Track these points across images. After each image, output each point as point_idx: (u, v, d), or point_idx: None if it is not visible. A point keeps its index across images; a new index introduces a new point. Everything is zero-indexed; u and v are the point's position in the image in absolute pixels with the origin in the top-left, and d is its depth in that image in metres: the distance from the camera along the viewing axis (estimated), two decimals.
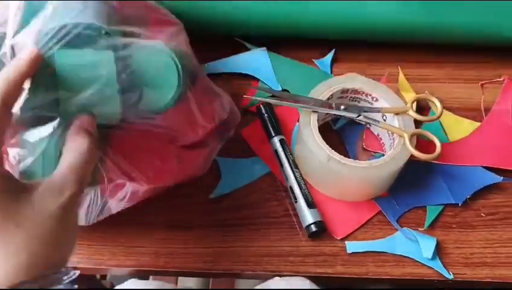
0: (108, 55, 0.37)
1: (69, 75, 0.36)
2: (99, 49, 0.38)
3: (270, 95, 0.55)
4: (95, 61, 0.37)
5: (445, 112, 0.58)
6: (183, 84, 0.40)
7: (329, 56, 0.61)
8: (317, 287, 0.48)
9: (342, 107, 0.51)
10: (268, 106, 0.55)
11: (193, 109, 0.43)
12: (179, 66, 0.40)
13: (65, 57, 0.36)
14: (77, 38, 0.37)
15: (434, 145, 0.48)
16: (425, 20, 0.58)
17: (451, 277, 0.47)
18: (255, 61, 0.60)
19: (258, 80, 0.59)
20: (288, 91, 0.57)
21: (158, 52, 0.40)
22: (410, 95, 0.58)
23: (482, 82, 0.59)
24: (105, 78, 0.37)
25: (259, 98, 0.55)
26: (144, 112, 0.40)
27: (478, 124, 0.57)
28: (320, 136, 0.49)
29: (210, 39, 0.58)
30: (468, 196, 0.52)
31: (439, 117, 0.50)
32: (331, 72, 0.60)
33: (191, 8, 0.56)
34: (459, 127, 0.57)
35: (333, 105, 0.51)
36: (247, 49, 0.61)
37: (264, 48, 0.60)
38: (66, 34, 0.36)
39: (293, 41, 0.61)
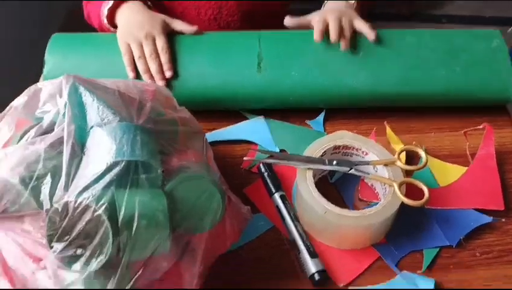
0: (162, 201, 0.42)
1: (139, 226, 0.40)
2: (154, 190, 0.42)
3: (269, 155, 0.60)
4: (155, 206, 0.42)
5: (434, 159, 0.63)
6: (223, 207, 0.46)
7: (321, 116, 0.67)
8: None
9: (334, 162, 0.55)
10: (267, 165, 0.60)
11: (227, 225, 0.48)
12: (222, 193, 0.46)
13: (132, 207, 0.40)
14: (135, 181, 0.41)
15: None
16: (402, 91, 0.65)
17: None
18: (254, 128, 0.66)
19: (257, 144, 0.64)
20: (285, 151, 0.62)
21: (202, 182, 0.46)
22: (399, 147, 0.62)
23: (465, 130, 0.63)
24: (163, 221, 0.42)
25: (259, 159, 0.60)
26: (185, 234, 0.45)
27: (465, 168, 0.61)
28: (316, 190, 0.53)
29: (212, 111, 0.65)
30: (462, 237, 0.55)
31: (424, 165, 0.54)
32: (324, 131, 0.66)
33: (201, 93, 0.64)
34: (447, 173, 0.61)
35: (326, 161, 0.55)
36: (246, 118, 0.68)
37: (262, 117, 0.66)
38: (121, 175, 0.40)
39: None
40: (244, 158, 0.60)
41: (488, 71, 0.66)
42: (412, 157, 0.62)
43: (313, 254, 0.52)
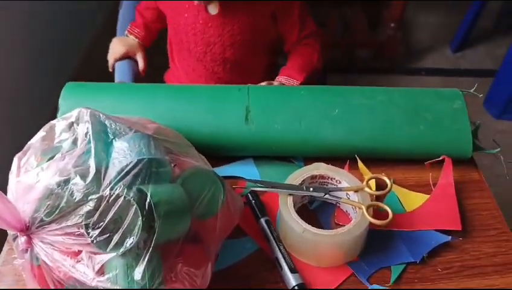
0: (180, 189, 0.53)
1: (163, 210, 0.49)
2: (171, 183, 0.53)
3: (256, 184, 0.68)
4: (176, 195, 0.52)
5: (401, 188, 0.71)
6: (224, 193, 0.57)
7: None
8: None
9: (311, 189, 0.64)
10: (254, 193, 0.68)
11: (230, 208, 0.58)
12: (222, 181, 0.57)
13: (157, 195, 0.50)
14: (155, 175, 0.51)
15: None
16: (373, 146, 0.72)
17: None
18: (244, 167, 0.74)
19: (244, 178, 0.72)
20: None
21: (207, 174, 0.57)
22: (369, 176, 0.71)
23: (428, 162, 0.72)
24: (183, 207, 0.52)
25: (249, 187, 0.68)
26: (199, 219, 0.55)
27: (428, 196, 0.69)
28: (295, 213, 0.61)
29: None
30: (425, 255, 0.62)
31: (389, 191, 0.63)
32: (304, 164, 0.74)
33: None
34: (413, 200, 0.69)
35: (304, 188, 0.64)
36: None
37: (251, 159, 0.75)
38: (144, 170, 0.50)
39: None
40: (233, 186, 0.68)
41: (449, 131, 0.72)
42: (381, 186, 0.70)
43: (293, 270, 0.59)
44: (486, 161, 0.79)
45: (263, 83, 0.96)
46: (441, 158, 0.71)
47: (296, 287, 0.58)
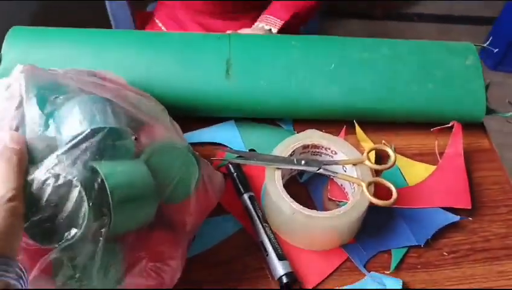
0: (143, 168, 0.42)
1: (119, 196, 0.39)
2: (132, 159, 0.42)
3: (238, 155, 0.59)
4: (138, 175, 0.41)
5: (403, 158, 0.62)
6: (199, 172, 0.47)
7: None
8: None
9: (303, 162, 0.54)
10: (236, 165, 0.59)
11: (208, 188, 0.49)
12: (196, 158, 0.47)
13: (113, 175, 0.39)
14: (112, 150, 0.41)
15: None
16: (373, 106, 0.63)
17: None
18: (223, 130, 0.64)
19: (226, 146, 0.63)
20: (254, 150, 0.61)
21: (178, 150, 0.46)
22: (368, 146, 0.62)
23: (434, 128, 0.63)
24: (147, 190, 0.42)
25: (228, 159, 0.59)
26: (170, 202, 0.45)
27: (434, 167, 0.61)
28: (284, 190, 0.52)
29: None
30: (429, 237, 0.55)
31: (392, 165, 0.54)
32: (294, 129, 0.65)
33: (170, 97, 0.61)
34: (416, 172, 0.61)
35: (295, 161, 0.54)
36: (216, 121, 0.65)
37: (232, 121, 0.65)
38: (97, 142, 0.40)
39: None
40: (212, 158, 0.58)
41: (461, 90, 0.63)
42: (381, 156, 0.62)
43: (280, 256, 0.51)
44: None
45: (247, 30, 0.84)
46: (450, 124, 0.62)
47: (283, 277, 0.50)
